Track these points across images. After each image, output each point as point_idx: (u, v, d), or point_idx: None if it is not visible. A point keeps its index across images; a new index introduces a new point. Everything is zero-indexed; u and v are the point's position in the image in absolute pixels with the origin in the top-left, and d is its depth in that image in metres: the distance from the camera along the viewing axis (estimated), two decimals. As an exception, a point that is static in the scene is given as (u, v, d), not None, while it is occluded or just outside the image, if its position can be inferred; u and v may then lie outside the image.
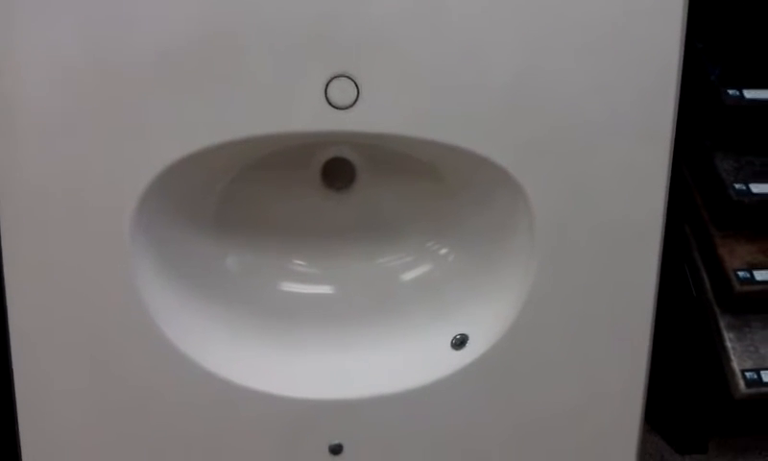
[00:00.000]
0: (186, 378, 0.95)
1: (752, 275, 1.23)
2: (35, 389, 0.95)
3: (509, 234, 0.98)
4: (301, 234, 1.06)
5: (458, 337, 1.00)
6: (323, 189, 1.05)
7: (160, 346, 0.93)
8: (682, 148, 1.06)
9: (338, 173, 1.05)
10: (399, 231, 1.07)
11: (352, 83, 0.88)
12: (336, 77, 0.88)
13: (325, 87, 0.88)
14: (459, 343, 1.00)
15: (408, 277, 1.06)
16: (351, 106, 0.89)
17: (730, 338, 1.24)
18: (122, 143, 0.88)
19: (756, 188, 1.24)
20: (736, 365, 1.22)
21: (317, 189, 1.05)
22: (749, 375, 1.20)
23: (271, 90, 0.88)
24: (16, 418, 0.96)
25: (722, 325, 1.26)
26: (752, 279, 1.23)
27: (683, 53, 0.92)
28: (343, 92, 0.88)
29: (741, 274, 1.23)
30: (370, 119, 0.90)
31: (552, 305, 0.97)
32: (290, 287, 1.05)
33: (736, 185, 1.25)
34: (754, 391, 1.20)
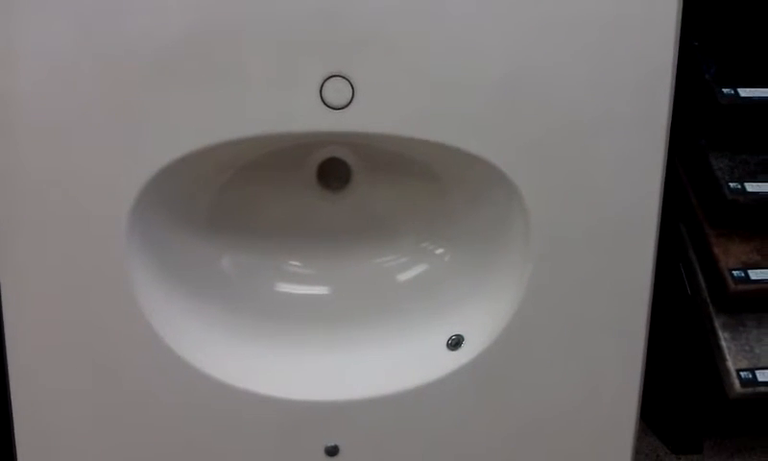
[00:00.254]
0: (182, 380, 0.94)
1: (746, 274, 1.24)
2: (30, 392, 0.95)
3: (504, 234, 0.98)
4: (297, 235, 1.06)
5: (454, 338, 1.00)
6: (318, 190, 1.05)
7: (156, 348, 0.93)
8: (676, 147, 1.06)
9: (334, 173, 1.04)
10: (395, 232, 1.06)
11: (348, 83, 0.88)
12: (331, 77, 0.87)
13: (321, 87, 0.87)
14: (455, 343, 1.00)
15: (404, 277, 1.06)
16: (347, 106, 0.88)
17: (725, 337, 1.25)
18: (116, 145, 0.88)
19: (751, 187, 1.25)
20: (731, 364, 1.22)
21: (313, 190, 1.05)
22: (744, 374, 1.21)
23: (266, 91, 0.88)
24: (12, 421, 0.96)
25: (717, 324, 1.26)
26: (746, 279, 1.23)
27: (677, 51, 0.92)
28: (338, 92, 0.88)
29: (736, 273, 1.24)
30: (365, 119, 0.90)
31: (547, 305, 0.97)
32: (286, 288, 1.05)
33: (731, 184, 1.25)
34: (749, 390, 1.20)
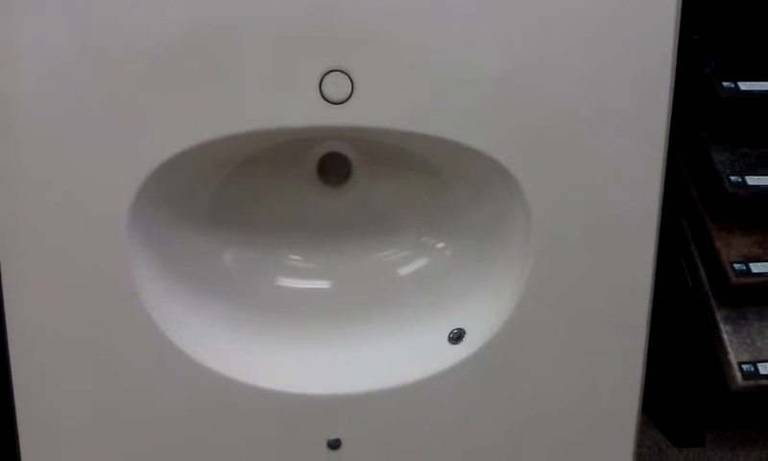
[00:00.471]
0: (184, 375, 0.94)
1: (748, 267, 1.24)
2: (33, 388, 0.95)
3: (505, 228, 0.98)
4: (298, 230, 1.06)
5: (455, 331, 1.00)
6: (319, 184, 1.05)
7: (158, 342, 0.93)
8: (677, 140, 1.06)
9: (334, 168, 1.05)
10: (396, 226, 1.07)
11: (347, 77, 0.88)
12: (331, 71, 0.87)
13: (320, 82, 0.87)
14: (456, 337, 1.00)
15: (405, 271, 1.06)
16: (346, 100, 0.88)
17: (726, 330, 1.25)
18: (116, 141, 0.88)
19: (752, 180, 1.25)
20: (733, 357, 1.22)
21: (313, 184, 1.05)
22: (745, 367, 1.21)
23: (265, 86, 0.87)
24: (15, 417, 0.96)
25: (718, 317, 1.26)
26: (748, 272, 1.23)
27: (677, 45, 0.92)
28: (337, 87, 0.88)
29: (737, 266, 1.24)
30: (365, 114, 0.90)
31: (548, 299, 0.97)
32: (286, 282, 1.05)
33: (732, 178, 1.25)
34: (750, 383, 1.20)
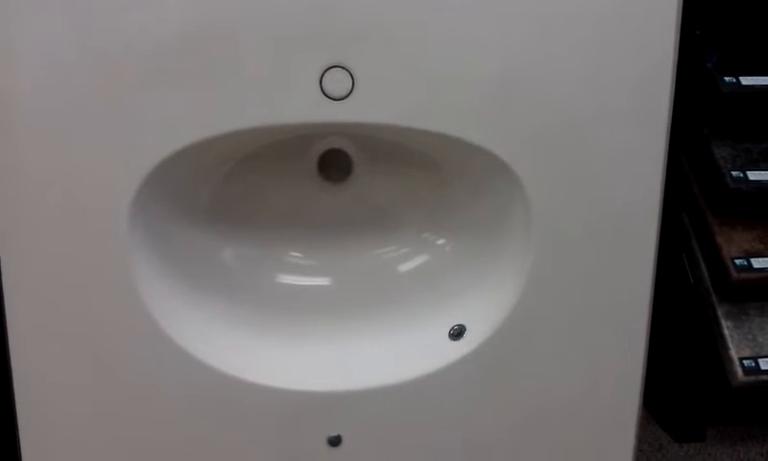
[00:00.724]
0: (184, 372, 0.95)
1: (749, 262, 1.24)
2: (33, 385, 0.95)
3: (505, 224, 0.98)
4: (298, 226, 1.06)
5: (456, 328, 1.00)
6: (319, 181, 1.05)
7: (158, 340, 0.93)
8: (678, 135, 1.06)
9: (335, 164, 1.04)
10: (396, 222, 1.06)
11: (348, 73, 0.88)
12: (331, 67, 0.87)
13: (320, 78, 0.87)
14: (457, 333, 1.00)
15: (405, 268, 1.06)
16: (347, 96, 0.88)
17: (727, 326, 1.25)
18: (116, 139, 0.87)
19: (754, 175, 1.25)
20: (734, 353, 1.22)
21: (313, 181, 1.05)
22: (747, 362, 1.21)
23: (265, 82, 0.87)
24: (16, 414, 0.96)
25: (720, 313, 1.26)
26: (749, 267, 1.23)
27: (678, 41, 0.92)
28: (338, 83, 0.88)
29: (738, 261, 1.24)
30: (365, 110, 0.89)
31: (549, 295, 0.97)
32: (287, 279, 1.05)
33: (733, 173, 1.25)
34: (751, 379, 1.20)
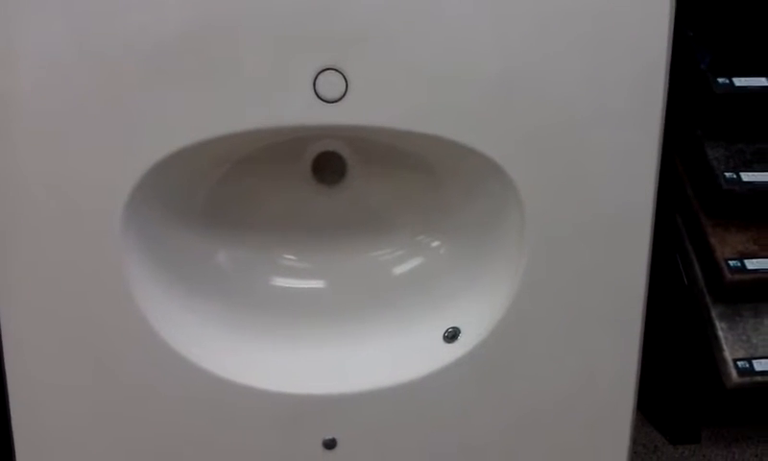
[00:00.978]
0: (179, 375, 0.94)
1: (743, 263, 1.24)
2: (28, 388, 0.95)
3: (499, 226, 0.98)
4: (293, 229, 1.06)
5: (450, 330, 1.00)
6: (314, 183, 1.05)
7: (153, 343, 0.93)
8: (672, 137, 1.06)
9: (329, 167, 1.04)
10: (391, 225, 1.06)
11: (341, 76, 0.88)
12: (325, 70, 0.87)
13: (314, 81, 0.87)
14: (451, 336, 1.00)
15: (400, 270, 1.06)
16: (340, 99, 0.88)
17: (721, 327, 1.25)
18: (111, 140, 0.87)
19: (747, 177, 1.25)
20: (728, 354, 1.22)
21: (308, 183, 1.05)
22: (741, 364, 1.21)
23: (260, 85, 0.87)
24: (10, 418, 0.96)
25: (714, 314, 1.26)
26: (743, 268, 1.24)
27: (671, 43, 0.92)
28: (332, 85, 0.88)
29: (732, 263, 1.24)
30: (359, 112, 0.89)
31: (543, 297, 0.97)
32: (281, 282, 1.05)
33: (727, 174, 1.25)
34: (746, 380, 1.20)
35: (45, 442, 0.97)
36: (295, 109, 0.88)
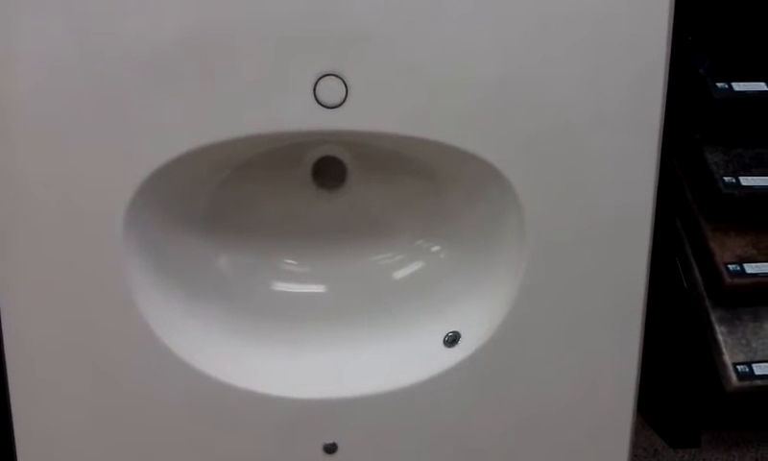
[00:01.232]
0: (180, 380, 0.94)
1: (742, 267, 1.24)
2: (29, 393, 0.95)
3: (499, 230, 0.98)
4: (293, 234, 1.06)
5: (450, 334, 1.00)
6: (314, 188, 1.05)
7: (154, 348, 0.93)
8: (671, 141, 1.06)
9: (329, 172, 1.05)
10: (391, 229, 1.07)
11: (341, 81, 0.88)
12: (325, 76, 0.87)
13: (314, 87, 0.88)
14: (451, 340, 1.00)
15: (400, 275, 1.06)
16: (340, 105, 0.88)
17: (721, 331, 1.25)
18: (112, 145, 0.88)
19: (746, 181, 1.25)
20: (728, 358, 1.22)
21: (308, 188, 1.05)
22: (740, 368, 1.21)
23: (260, 90, 0.87)
24: (12, 422, 0.96)
25: (713, 318, 1.26)
26: (742, 272, 1.23)
27: (670, 47, 0.93)
28: (332, 91, 0.88)
29: (732, 267, 1.24)
30: (359, 118, 0.90)
31: (543, 301, 0.97)
32: (282, 287, 1.05)
33: (726, 178, 1.25)
34: (745, 384, 1.20)
35: (47, 447, 0.97)
36: (295, 114, 0.89)
